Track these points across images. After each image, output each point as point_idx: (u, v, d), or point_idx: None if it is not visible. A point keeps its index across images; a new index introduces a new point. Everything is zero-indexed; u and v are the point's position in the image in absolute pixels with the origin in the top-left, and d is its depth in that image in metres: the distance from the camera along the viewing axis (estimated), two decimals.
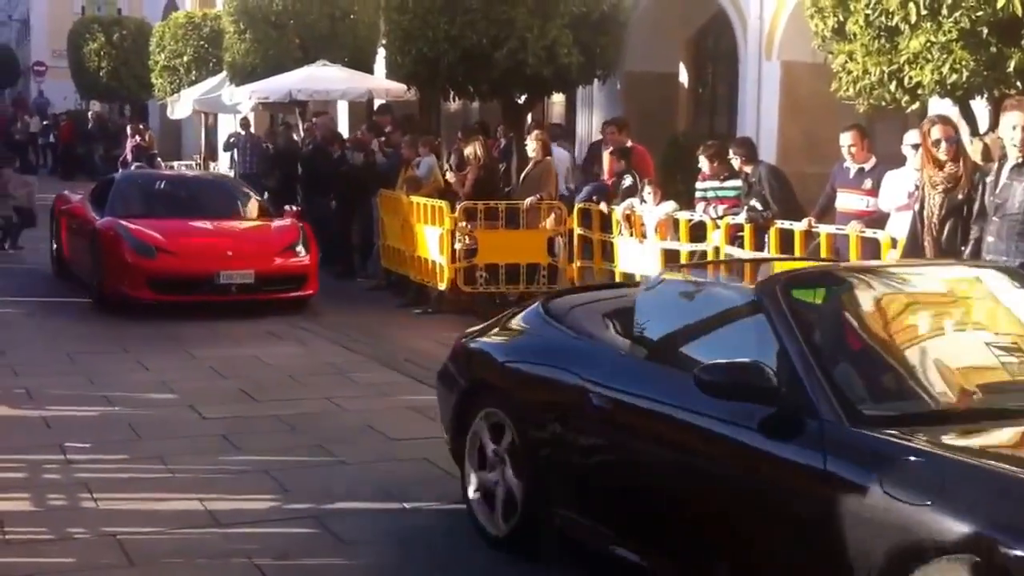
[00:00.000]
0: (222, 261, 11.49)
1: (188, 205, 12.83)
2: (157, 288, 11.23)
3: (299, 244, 11.99)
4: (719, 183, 10.15)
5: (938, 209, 6.75)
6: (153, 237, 11.54)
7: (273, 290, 11.65)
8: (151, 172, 17.33)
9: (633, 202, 10.88)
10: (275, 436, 7.05)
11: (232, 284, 11.41)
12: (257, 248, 11.90)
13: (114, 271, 11.44)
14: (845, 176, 8.85)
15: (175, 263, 11.38)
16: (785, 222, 9.18)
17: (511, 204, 11.96)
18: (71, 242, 13.16)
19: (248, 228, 12.68)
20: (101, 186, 13.41)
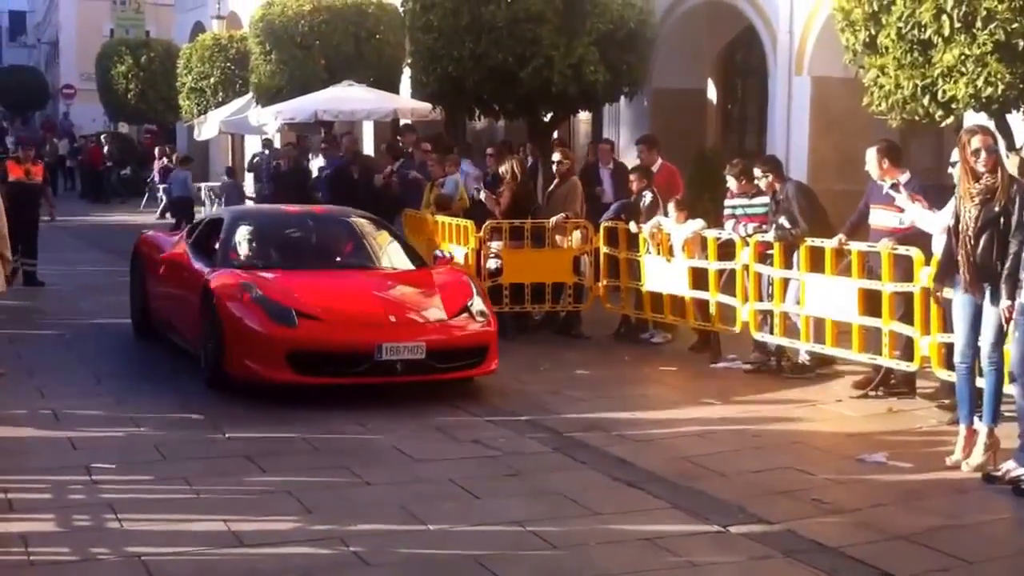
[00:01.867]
0: (383, 330, 8.48)
1: (320, 251, 10.28)
2: (300, 366, 8.28)
3: (474, 301, 9.08)
4: (747, 200, 10.02)
5: (973, 222, 6.61)
6: (292, 298, 8.63)
7: (449, 368, 8.63)
8: (265, 209, 12.82)
9: (660, 220, 10.76)
10: (299, 458, 6.96)
11: (397, 361, 8.34)
12: (425, 310, 8.96)
13: (240, 343, 8.47)
14: (878, 192, 8.71)
15: (323, 333, 8.40)
16: (815, 239, 9.04)
17: (537, 223, 11.86)
18: (163, 297, 10.42)
19: (408, 282, 9.56)
20: (204, 227, 10.64)
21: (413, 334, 8.53)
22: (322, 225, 10.60)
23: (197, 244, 10.18)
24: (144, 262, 11.09)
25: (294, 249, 10.16)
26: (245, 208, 13.15)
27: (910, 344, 8.30)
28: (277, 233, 10.35)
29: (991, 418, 6.80)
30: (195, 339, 9.24)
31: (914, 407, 8.36)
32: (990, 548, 5.65)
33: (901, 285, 8.26)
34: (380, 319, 8.61)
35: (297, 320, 8.39)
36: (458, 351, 8.73)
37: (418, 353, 8.41)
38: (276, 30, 19.98)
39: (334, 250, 10.29)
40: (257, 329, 8.42)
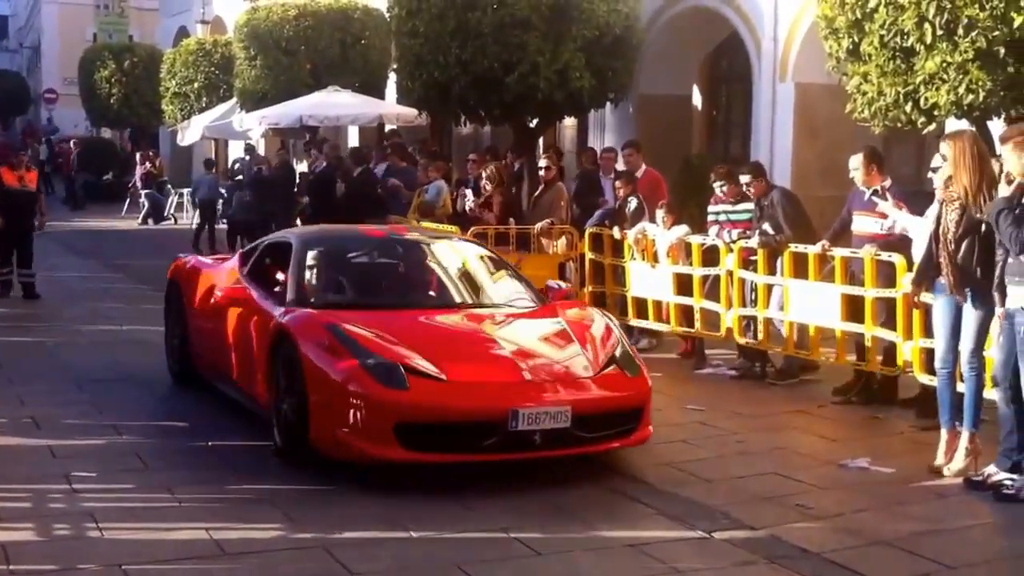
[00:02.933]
0: (518, 391, 6.66)
1: (417, 284, 8.38)
2: (412, 440, 6.41)
3: (621, 349, 7.26)
4: (731, 206, 10.04)
5: (954, 227, 6.64)
6: (397, 349, 6.75)
7: (598, 437, 6.80)
8: (340, 231, 9.71)
9: (645, 226, 10.78)
10: (282, 467, 6.94)
11: (536, 431, 6.51)
12: (566, 363, 7.04)
13: (330, 409, 6.59)
14: (860, 198, 8.74)
15: (443, 397, 6.53)
16: (799, 245, 9.07)
17: (522, 229, 11.88)
18: (212, 338, 8.50)
19: (535, 325, 7.56)
20: (262, 252, 8.70)
21: (556, 396, 6.66)
22: (413, 251, 8.60)
23: (256, 274, 8.40)
24: (183, 293, 9.16)
25: (384, 282, 8.41)
26: (315, 230, 9.78)
27: (892, 349, 8.33)
28: (360, 261, 8.54)
29: (972, 423, 6.83)
30: (262, 397, 7.37)
31: (896, 412, 8.38)
32: (971, 553, 5.67)
33: (883, 291, 8.30)
34: (513, 376, 6.72)
35: (408, 380, 6.51)
36: (609, 416, 6.85)
37: (562, 420, 6.55)
38: (261, 35, 19.94)
39: (434, 283, 8.26)
40: (356, 391, 6.47)
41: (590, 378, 6.91)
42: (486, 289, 8.23)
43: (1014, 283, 6.29)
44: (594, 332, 7.39)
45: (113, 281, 16.38)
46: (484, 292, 8.18)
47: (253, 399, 7.65)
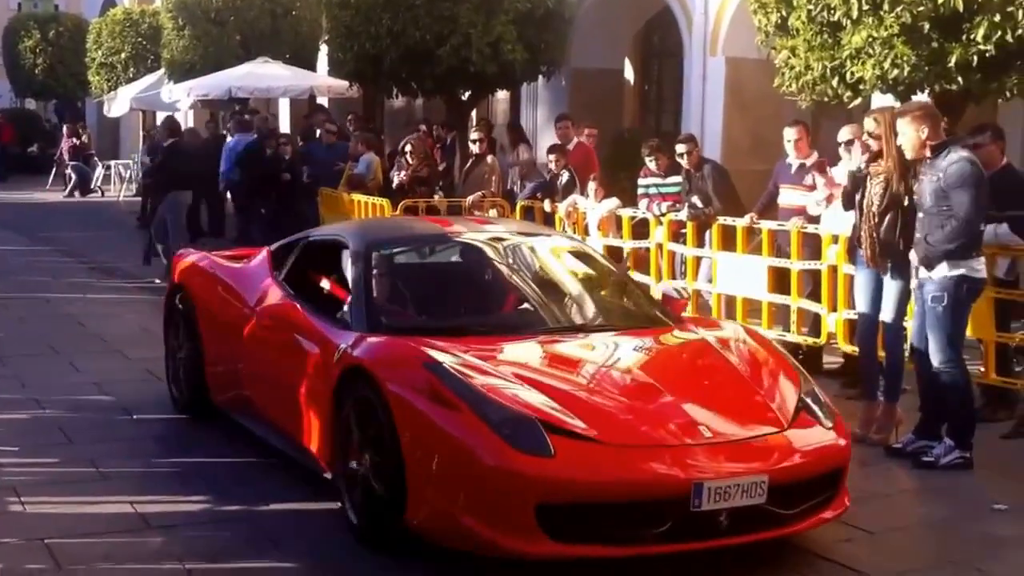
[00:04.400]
0: (698, 456, 4.90)
1: (523, 301, 6.31)
2: (559, 528, 4.69)
3: (807, 390, 5.49)
4: (661, 180, 10.12)
5: (878, 200, 6.75)
6: (527, 402, 4.96)
7: (798, 514, 5.06)
8: (406, 226, 7.74)
9: (576, 199, 10.82)
10: (210, 441, 6.87)
11: (723, 511, 4.82)
12: (749, 411, 5.26)
13: (445, 484, 4.89)
14: (787, 172, 8.85)
15: (600, 466, 4.77)
16: (727, 218, 9.16)
17: (453, 201, 11.86)
18: (243, 365, 6.64)
19: (689, 356, 5.91)
20: (303, 253, 6.80)
21: (747, 460, 4.91)
22: (506, 253, 6.59)
23: (295, 281, 6.55)
24: (196, 303, 7.15)
25: (481, 297, 6.45)
26: (374, 226, 7.81)
27: (817, 320, 8.46)
28: (444, 268, 6.68)
29: (893, 393, 6.96)
30: (319, 453, 5.67)
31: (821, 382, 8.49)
32: (891, 519, 5.79)
33: (809, 263, 8.41)
34: (689, 434, 4.94)
35: (551, 443, 4.71)
36: (810, 483, 5.09)
37: (757, 494, 4.82)
38: (190, 5, 19.60)
39: (542, 297, 6.28)
40: (480, 459, 4.71)
41: (783, 431, 5.09)
42: (603, 303, 6.40)
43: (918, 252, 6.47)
44: (766, 365, 5.63)
45: (39, 254, 16.06)
46: (602, 307, 6.33)
47: (305, 453, 5.79)
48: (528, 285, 6.40)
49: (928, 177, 6.43)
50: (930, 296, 6.41)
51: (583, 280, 6.54)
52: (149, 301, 11.43)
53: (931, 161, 6.45)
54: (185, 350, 7.27)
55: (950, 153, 6.41)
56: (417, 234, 6.99)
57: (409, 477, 4.90)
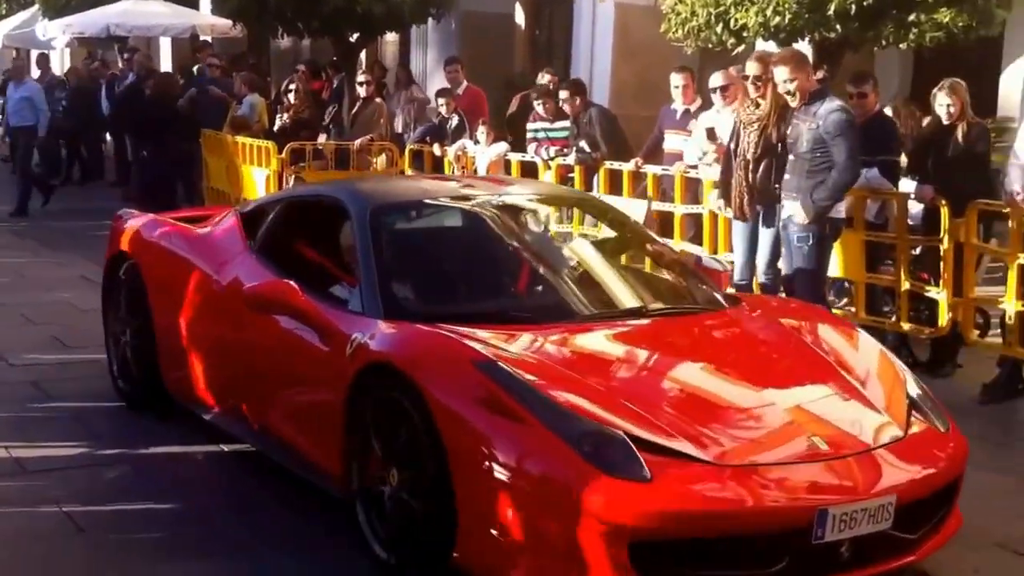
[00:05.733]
0: (820, 477, 3.94)
1: (571, 279, 5.22)
2: (655, 570, 3.75)
3: (914, 388, 4.58)
4: (549, 124, 10.17)
5: (753, 148, 6.90)
6: (608, 415, 3.94)
7: (920, 538, 4.15)
8: (414, 186, 6.36)
9: (465, 143, 10.81)
10: (88, 383, 6.74)
11: (844, 541, 3.89)
12: (863, 423, 4.26)
13: (510, 516, 3.83)
14: (672, 118, 8.97)
15: (709, 493, 3.79)
16: (614, 163, 9.25)
17: (341, 145, 11.74)
18: (213, 355, 5.58)
19: (777, 347, 4.85)
20: (283, 216, 5.63)
21: (873, 479, 3.99)
22: (535, 219, 5.66)
23: (278, 254, 5.42)
24: (146, 278, 6.04)
25: (515, 273, 5.24)
26: (376, 186, 6.26)
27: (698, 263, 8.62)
28: (466, 239, 5.45)
29: None
30: (331, 468, 4.57)
31: None
32: None
33: (691, 207, 8.56)
34: (805, 450, 4.01)
35: (647, 464, 3.75)
36: (932, 501, 4.19)
37: (884, 518, 3.93)
38: None
39: (584, 272, 5.30)
40: (557, 484, 3.75)
41: (902, 441, 4.19)
42: (653, 279, 5.44)
43: (790, 198, 6.68)
44: (861, 356, 4.71)
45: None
46: (654, 285, 5.34)
47: (309, 466, 4.77)
48: (569, 259, 5.34)
49: (806, 124, 6.60)
50: (795, 237, 6.68)
51: (626, 251, 5.59)
52: (26, 245, 11.11)
53: (806, 107, 6.63)
54: (132, 334, 6.11)
55: (826, 101, 6.61)
56: (430, 196, 5.61)
57: (461, 507, 3.85)
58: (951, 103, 7.23)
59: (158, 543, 4.57)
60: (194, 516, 4.87)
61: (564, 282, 5.13)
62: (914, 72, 11.79)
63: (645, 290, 5.20)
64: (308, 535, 4.64)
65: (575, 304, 4.92)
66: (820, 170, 6.60)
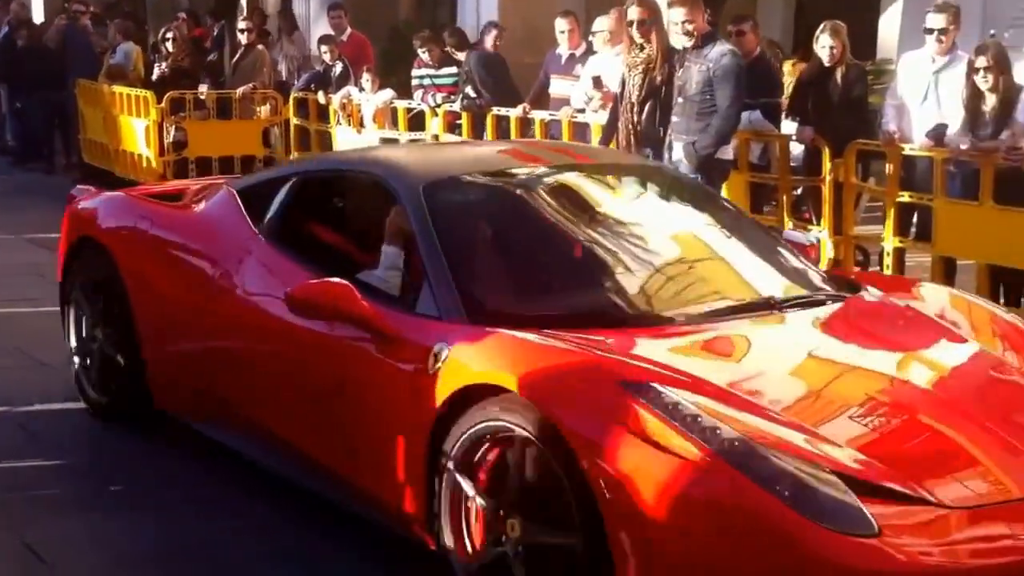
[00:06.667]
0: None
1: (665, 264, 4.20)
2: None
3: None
4: (435, 71, 10.07)
5: (637, 91, 6.93)
6: (809, 448, 3.05)
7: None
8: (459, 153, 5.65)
9: (350, 90, 10.65)
10: None
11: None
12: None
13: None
14: (557, 63, 8.96)
15: (947, 548, 2.89)
16: (501, 109, 9.21)
17: (223, 94, 11.46)
18: (227, 370, 4.61)
19: (946, 344, 3.93)
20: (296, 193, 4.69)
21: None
22: (618, 193, 4.63)
23: (295, 239, 4.55)
24: (124, 270, 5.03)
25: (610, 262, 4.15)
26: (413, 154, 5.35)
27: None
28: (546, 220, 4.29)
29: None
30: (405, 507, 3.70)
31: None
32: None
33: None
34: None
35: (870, 513, 2.90)
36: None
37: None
38: None
39: (690, 254, 4.31)
40: (754, 540, 2.91)
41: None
42: (762, 262, 4.37)
43: (680, 140, 6.74)
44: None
45: None
46: (767, 269, 4.33)
47: (374, 504, 3.86)
48: (671, 241, 4.32)
49: (697, 66, 6.64)
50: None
51: (723, 228, 4.51)
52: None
53: (698, 50, 6.67)
54: (105, 337, 5.17)
55: (717, 44, 6.66)
56: (488, 166, 4.57)
57: (616, 561, 3.02)
58: (833, 44, 7.36)
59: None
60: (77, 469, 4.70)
61: (675, 270, 4.13)
62: (796, 15, 11.96)
63: (761, 276, 4.23)
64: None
65: (695, 298, 3.98)
66: (709, 112, 6.66)
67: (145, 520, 4.31)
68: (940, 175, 6.66)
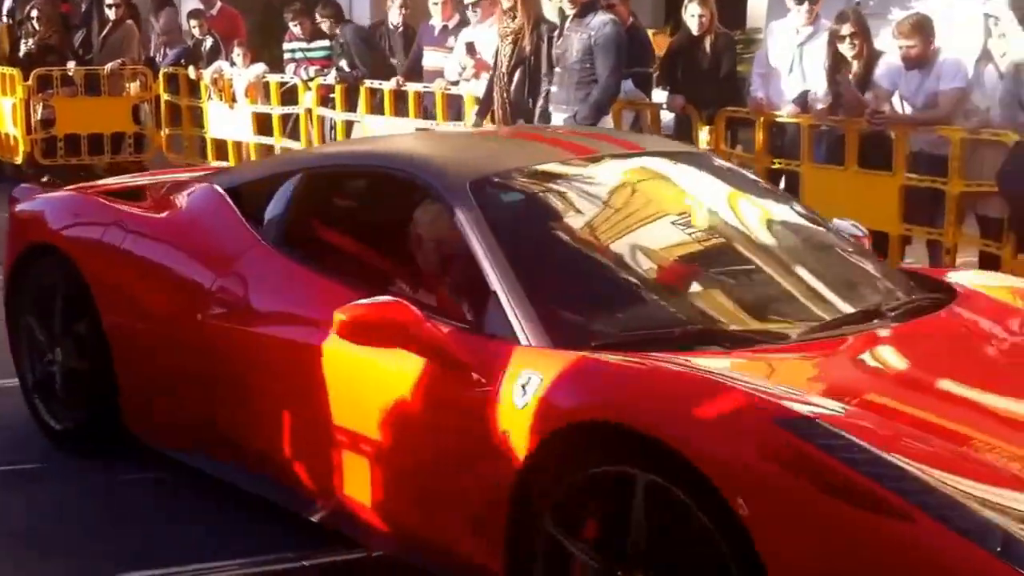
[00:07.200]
0: None
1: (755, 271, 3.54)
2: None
3: None
4: (306, 44, 9.90)
5: (507, 60, 6.89)
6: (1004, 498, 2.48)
7: None
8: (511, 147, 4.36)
9: (221, 65, 10.39)
10: None
11: None
12: None
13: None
14: (431, 34, 8.86)
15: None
16: (374, 81, 9.08)
17: (91, 70, 11.09)
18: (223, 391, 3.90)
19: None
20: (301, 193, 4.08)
21: None
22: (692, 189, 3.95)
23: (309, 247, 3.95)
24: (97, 286, 4.33)
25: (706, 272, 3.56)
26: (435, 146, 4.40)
27: None
28: (617, 220, 3.73)
29: None
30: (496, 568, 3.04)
31: None
32: None
33: (454, 123, 8.49)
34: None
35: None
36: None
37: None
38: None
39: (778, 261, 3.65)
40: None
41: None
42: (846, 264, 3.84)
43: (560, 111, 6.69)
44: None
45: None
46: (854, 273, 3.80)
47: (434, 555, 3.30)
48: (757, 243, 3.72)
49: (577, 35, 6.62)
50: None
51: (796, 225, 3.96)
52: None
53: (579, 19, 6.66)
54: (68, 356, 4.50)
55: (599, 13, 6.65)
56: (541, 159, 3.90)
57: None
58: (702, 13, 7.40)
59: None
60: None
61: (769, 277, 3.52)
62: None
63: (854, 279, 3.72)
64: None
65: (799, 309, 3.40)
66: (589, 82, 6.65)
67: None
68: (807, 141, 6.76)
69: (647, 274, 3.50)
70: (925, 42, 6.34)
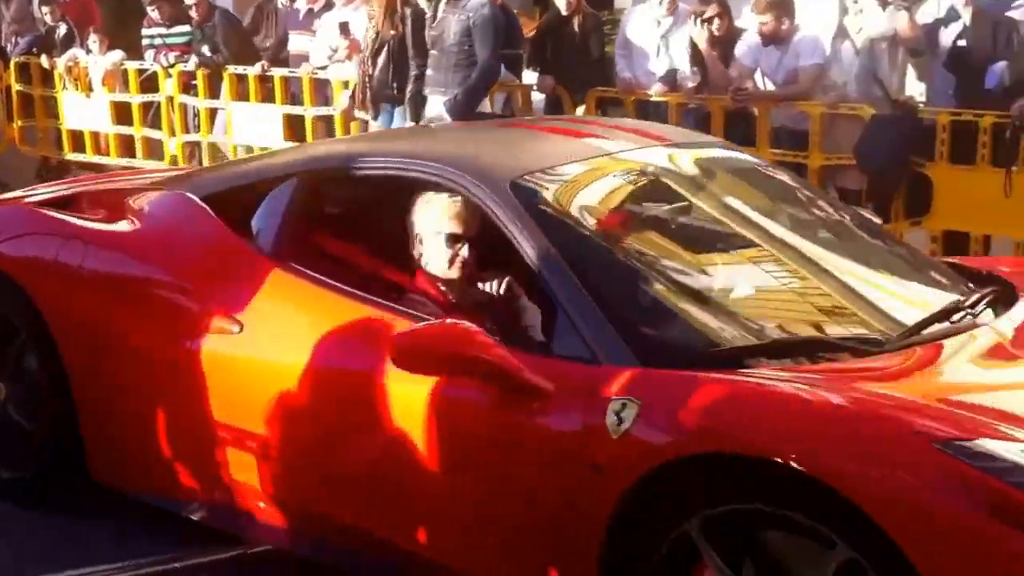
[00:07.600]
0: None
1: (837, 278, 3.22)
2: None
3: None
4: (166, 30, 9.62)
5: (370, 43, 6.86)
6: None
7: None
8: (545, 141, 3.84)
9: (76, 53, 10.05)
10: None
11: None
12: None
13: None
14: (295, 18, 8.74)
15: None
16: (239, 67, 8.89)
17: None
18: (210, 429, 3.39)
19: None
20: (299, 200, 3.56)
21: None
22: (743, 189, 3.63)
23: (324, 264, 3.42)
24: (54, 318, 3.71)
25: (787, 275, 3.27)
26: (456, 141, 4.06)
27: None
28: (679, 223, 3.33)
29: None
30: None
31: None
32: None
33: (321, 109, 8.41)
34: None
35: None
36: None
37: None
38: None
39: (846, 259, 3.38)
40: None
41: None
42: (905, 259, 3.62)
43: (437, 93, 6.65)
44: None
45: None
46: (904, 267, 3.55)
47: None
48: (821, 239, 3.47)
49: (455, 16, 6.61)
50: None
51: (847, 222, 3.68)
52: None
53: (455, 1, 6.65)
54: (19, 396, 3.90)
55: None
56: (587, 155, 3.53)
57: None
58: None
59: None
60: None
61: (845, 279, 3.21)
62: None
63: (918, 275, 3.48)
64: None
65: (884, 312, 3.11)
66: (467, 64, 6.63)
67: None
68: (675, 119, 6.87)
69: (726, 280, 3.09)
70: (780, 18, 6.50)
